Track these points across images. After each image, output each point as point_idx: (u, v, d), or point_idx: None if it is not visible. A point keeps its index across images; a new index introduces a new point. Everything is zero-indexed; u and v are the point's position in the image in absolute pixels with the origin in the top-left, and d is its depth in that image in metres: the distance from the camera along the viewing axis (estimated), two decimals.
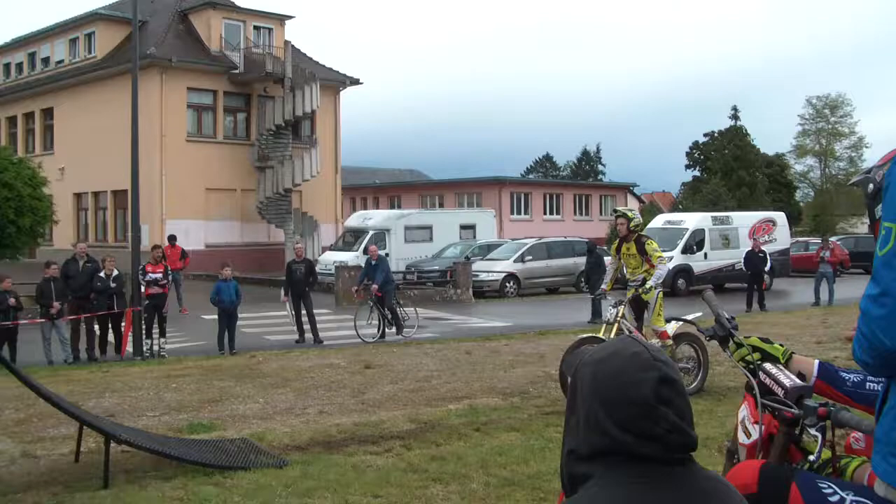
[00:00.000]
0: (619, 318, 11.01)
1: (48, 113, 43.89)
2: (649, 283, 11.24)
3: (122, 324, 17.25)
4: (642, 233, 11.87)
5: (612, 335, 10.68)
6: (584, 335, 11.46)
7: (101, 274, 17.10)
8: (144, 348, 17.06)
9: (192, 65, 37.87)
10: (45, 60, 45.01)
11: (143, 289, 17.35)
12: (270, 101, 38.54)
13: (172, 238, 26.25)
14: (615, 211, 12.36)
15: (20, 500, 7.20)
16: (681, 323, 11.27)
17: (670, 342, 11.18)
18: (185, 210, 35.89)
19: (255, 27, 40.83)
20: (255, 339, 18.73)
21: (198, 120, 38.86)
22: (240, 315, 17.87)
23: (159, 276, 17.43)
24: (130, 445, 7.98)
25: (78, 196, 41.37)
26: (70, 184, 39.74)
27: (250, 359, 15.67)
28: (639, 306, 11.53)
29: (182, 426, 9.93)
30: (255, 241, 38.64)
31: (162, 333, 17.35)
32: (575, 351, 10.58)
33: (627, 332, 10.63)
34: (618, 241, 12.01)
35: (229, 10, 41.00)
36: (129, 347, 17.21)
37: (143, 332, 17.18)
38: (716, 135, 68.96)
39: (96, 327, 17.16)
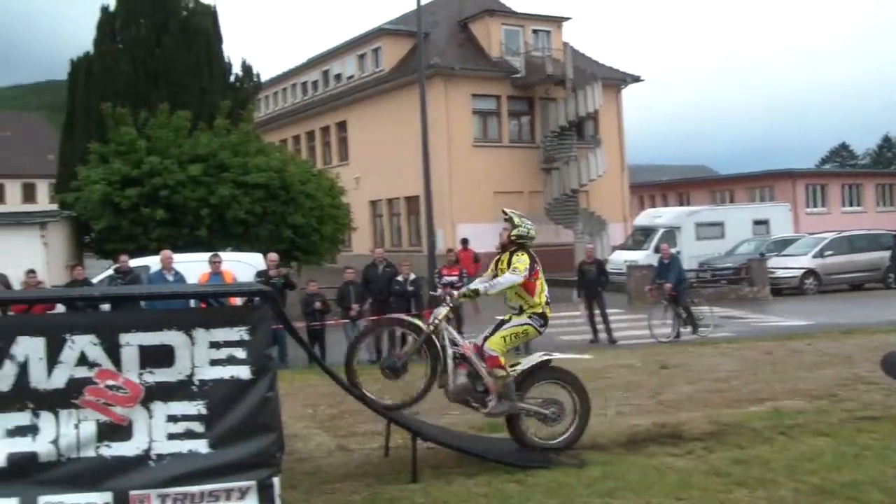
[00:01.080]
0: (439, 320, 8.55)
1: (342, 126, 46.44)
2: (478, 284, 8.95)
3: None
4: (526, 246, 9.05)
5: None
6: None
7: (399, 278, 17.85)
8: None
9: (474, 72, 38.90)
10: (338, 77, 47.76)
11: (439, 291, 17.93)
12: (552, 103, 38.83)
13: (465, 241, 26.98)
14: (503, 212, 9.43)
15: (338, 490, 7.66)
16: (549, 357, 9.02)
17: (503, 373, 8.50)
18: (475, 214, 36.75)
19: (534, 31, 41.31)
20: (548, 340, 18.82)
21: (483, 125, 39.80)
22: None
23: (455, 278, 17.94)
24: (435, 442, 8.30)
25: (373, 203, 43.46)
26: (365, 192, 41.76)
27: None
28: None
29: (483, 424, 10.17)
30: (545, 242, 38.78)
31: (459, 334, 17.86)
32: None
33: (450, 343, 8.57)
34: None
35: (507, 15, 41.75)
36: None
37: None
38: None
39: None
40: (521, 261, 8.72)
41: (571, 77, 38.11)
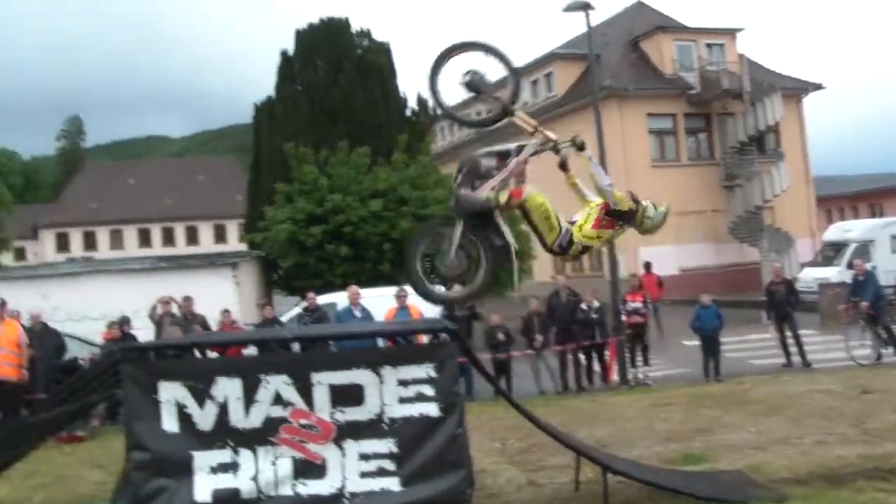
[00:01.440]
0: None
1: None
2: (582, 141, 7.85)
3: (606, 353, 17.72)
4: (633, 212, 8.22)
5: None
6: None
7: (583, 306, 17.68)
8: (629, 377, 17.40)
9: (648, 91, 38.29)
10: None
11: (623, 318, 17.72)
12: (730, 118, 37.83)
13: (648, 265, 26.52)
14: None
15: None
16: (508, 244, 7.77)
17: (503, 199, 7.84)
18: (656, 236, 35.71)
19: (707, 45, 40.29)
20: (739, 364, 18.25)
21: (660, 144, 39.07)
22: (722, 340, 17.58)
23: (639, 304, 17.68)
24: (626, 476, 8.11)
25: None
26: None
27: (737, 385, 15.28)
28: None
29: (674, 457, 9.88)
30: (729, 262, 37.83)
31: (645, 361, 17.58)
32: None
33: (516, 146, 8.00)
34: None
35: (679, 31, 40.97)
36: (615, 376, 17.61)
37: (628, 360, 17.53)
38: None
39: (582, 357, 17.76)
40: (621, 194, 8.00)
41: (749, 90, 37.00)
